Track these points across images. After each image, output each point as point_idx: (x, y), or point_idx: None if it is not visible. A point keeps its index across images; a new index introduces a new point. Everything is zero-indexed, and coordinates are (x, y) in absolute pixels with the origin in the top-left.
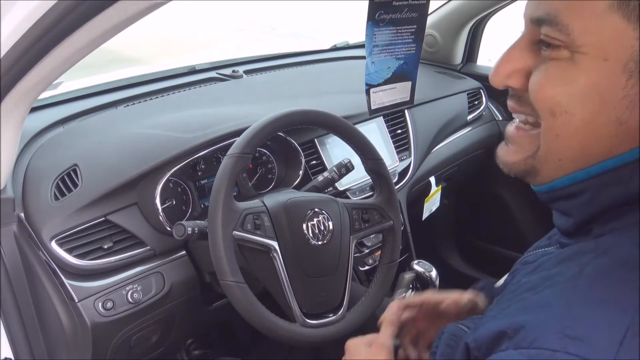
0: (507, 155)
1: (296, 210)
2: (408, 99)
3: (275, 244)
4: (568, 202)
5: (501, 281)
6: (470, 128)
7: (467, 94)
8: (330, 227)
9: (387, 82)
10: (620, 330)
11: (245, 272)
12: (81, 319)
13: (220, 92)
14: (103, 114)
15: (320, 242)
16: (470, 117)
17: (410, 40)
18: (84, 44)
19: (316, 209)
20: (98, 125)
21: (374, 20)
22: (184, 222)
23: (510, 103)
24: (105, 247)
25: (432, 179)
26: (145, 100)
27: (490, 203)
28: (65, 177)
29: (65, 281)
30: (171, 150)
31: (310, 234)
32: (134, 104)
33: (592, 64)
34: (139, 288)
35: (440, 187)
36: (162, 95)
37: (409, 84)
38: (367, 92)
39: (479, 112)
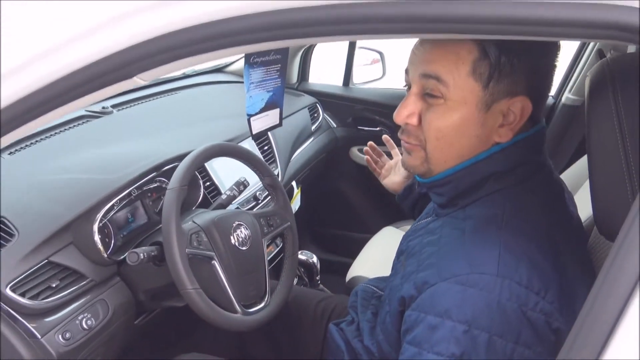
0: (410, 161)
1: (223, 224)
2: (278, 122)
3: (213, 254)
4: (442, 188)
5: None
6: (314, 137)
7: (308, 109)
8: (249, 234)
9: (262, 110)
10: (496, 251)
11: None
12: (47, 352)
13: (102, 130)
14: None
15: (244, 248)
16: (313, 127)
17: (277, 75)
18: None
19: (237, 222)
20: None
21: (249, 63)
22: (136, 250)
23: (400, 135)
24: (54, 285)
25: (294, 183)
26: (26, 147)
27: (334, 196)
28: None
29: (25, 322)
30: (102, 191)
31: (237, 242)
32: (16, 150)
33: (458, 106)
34: (89, 315)
35: (299, 188)
36: (39, 139)
37: (277, 110)
38: (249, 121)
39: (318, 123)
